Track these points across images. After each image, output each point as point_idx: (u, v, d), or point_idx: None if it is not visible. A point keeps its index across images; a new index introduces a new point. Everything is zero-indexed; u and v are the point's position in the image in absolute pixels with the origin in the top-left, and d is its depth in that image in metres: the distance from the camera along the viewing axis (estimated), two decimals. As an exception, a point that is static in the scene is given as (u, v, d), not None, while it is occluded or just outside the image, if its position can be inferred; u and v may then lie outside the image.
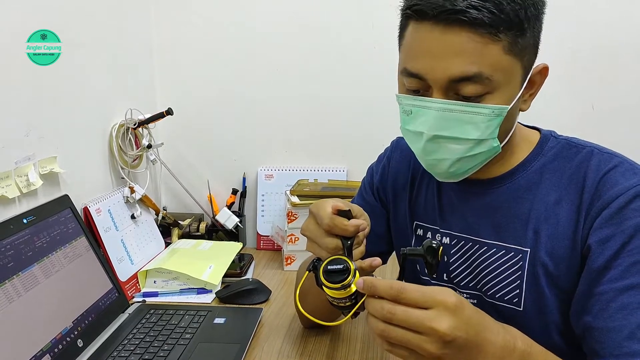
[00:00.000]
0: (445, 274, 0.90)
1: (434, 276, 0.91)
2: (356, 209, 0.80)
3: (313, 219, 0.79)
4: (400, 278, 0.69)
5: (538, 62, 0.78)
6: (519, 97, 0.76)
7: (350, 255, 0.74)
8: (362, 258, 0.77)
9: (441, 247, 0.67)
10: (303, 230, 0.81)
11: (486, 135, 0.75)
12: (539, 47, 0.77)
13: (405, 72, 0.75)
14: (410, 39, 0.75)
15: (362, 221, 0.77)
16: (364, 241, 0.79)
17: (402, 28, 0.77)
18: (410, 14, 0.73)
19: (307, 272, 0.72)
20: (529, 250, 0.80)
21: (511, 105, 0.74)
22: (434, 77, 0.72)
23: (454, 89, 0.72)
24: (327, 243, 0.76)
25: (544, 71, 0.78)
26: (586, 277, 0.74)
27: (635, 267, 0.69)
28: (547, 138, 0.84)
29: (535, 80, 0.78)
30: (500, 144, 0.78)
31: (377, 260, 0.75)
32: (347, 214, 0.76)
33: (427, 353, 0.58)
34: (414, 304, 0.59)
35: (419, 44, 0.73)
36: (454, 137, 0.75)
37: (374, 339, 0.62)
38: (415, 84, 0.75)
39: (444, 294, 0.59)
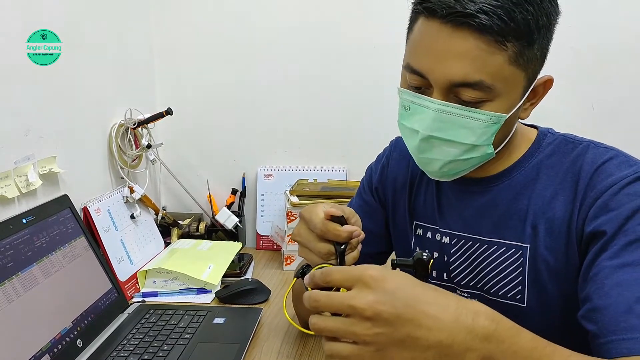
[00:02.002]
0: (445, 274, 0.90)
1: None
2: (348, 212, 0.79)
3: (305, 224, 0.78)
4: None
5: (547, 76, 0.78)
6: (519, 106, 0.76)
7: (342, 261, 0.74)
8: (356, 263, 0.76)
9: (432, 260, 0.65)
10: (294, 236, 0.80)
11: (481, 141, 0.75)
12: (547, 57, 0.76)
13: (409, 68, 0.75)
14: (418, 35, 0.74)
15: (356, 228, 0.75)
16: (359, 247, 0.78)
17: (412, 22, 0.77)
18: (421, 10, 0.73)
19: (295, 278, 0.71)
20: (528, 246, 0.80)
21: (510, 114, 0.74)
22: (435, 78, 0.72)
23: (454, 91, 0.72)
24: (320, 248, 0.75)
25: (548, 83, 0.78)
26: (584, 265, 0.73)
27: (631, 246, 0.68)
28: (544, 135, 0.85)
29: (538, 91, 0.78)
30: (496, 149, 0.78)
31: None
32: (340, 220, 0.75)
33: (359, 339, 0.53)
34: (340, 287, 0.56)
35: (425, 42, 0.73)
36: (449, 140, 0.75)
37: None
38: (417, 81, 0.75)
39: (362, 270, 0.54)
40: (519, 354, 0.54)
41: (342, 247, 0.74)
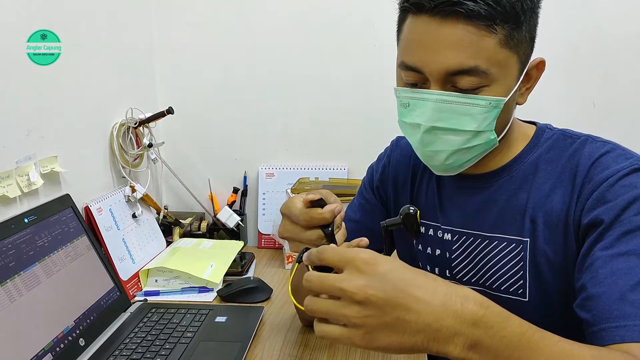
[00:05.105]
0: (447, 270, 0.90)
1: (417, 240, 0.93)
2: (325, 193, 0.79)
3: (287, 219, 0.78)
4: (387, 253, 0.70)
5: (539, 58, 0.79)
6: (516, 90, 0.77)
7: (333, 241, 0.75)
8: (346, 240, 0.77)
9: (418, 211, 0.66)
10: (281, 234, 0.79)
11: (483, 127, 0.76)
12: (536, 41, 0.77)
13: (403, 66, 0.76)
14: (408, 33, 0.76)
15: (335, 204, 0.75)
16: (343, 224, 0.78)
17: (400, 22, 0.78)
18: (408, 7, 0.74)
19: (297, 264, 0.71)
20: (528, 240, 0.80)
21: (508, 98, 0.75)
22: (431, 70, 0.73)
23: (451, 81, 0.74)
24: (309, 236, 0.76)
25: (540, 65, 0.80)
26: (580, 256, 0.74)
27: (626, 237, 0.69)
28: (542, 130, 0.85)
29: (531, 74, 0.80)
30: (498, 137, 0.79)
31: (364, 240, 0.75)
32: (319, 203, 0.76)
33: (349, 321, 0.53)
34: (332, 266, 0.56)
35: (416, 37, 0.74)
36: (451, 129, 0.76)
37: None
38: (413, 77, 0.76)
39: (355, 253, 0.55)
40: (507, 339, 0.54)
41: (330, 228, 0.75)
